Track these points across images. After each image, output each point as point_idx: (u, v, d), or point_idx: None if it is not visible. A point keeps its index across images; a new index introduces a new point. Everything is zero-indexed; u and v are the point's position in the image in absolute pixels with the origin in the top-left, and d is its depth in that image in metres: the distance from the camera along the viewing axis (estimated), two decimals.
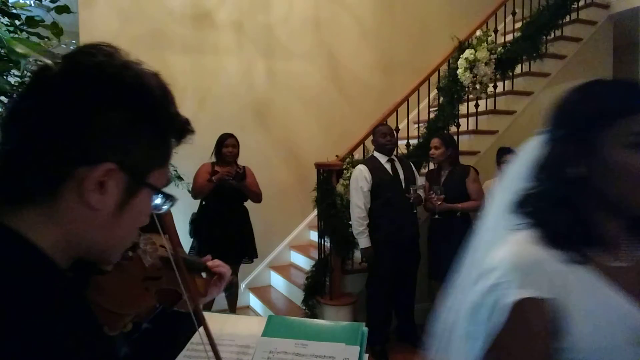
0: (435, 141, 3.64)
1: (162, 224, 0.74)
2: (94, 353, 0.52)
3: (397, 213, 3.46)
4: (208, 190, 3.55)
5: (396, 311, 3.69)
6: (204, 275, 1.03)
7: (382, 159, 3.56)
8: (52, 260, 0.53)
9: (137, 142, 0.56)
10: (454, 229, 3.52)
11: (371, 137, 3.73)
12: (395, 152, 3.71)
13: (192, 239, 3.73)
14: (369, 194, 3.46)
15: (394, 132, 3.73)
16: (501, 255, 0.81)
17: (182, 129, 0.62)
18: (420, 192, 3.58)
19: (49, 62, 0.54)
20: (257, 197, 3.76)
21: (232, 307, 3.95)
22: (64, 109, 0.52)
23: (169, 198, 0.62)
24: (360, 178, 3.47)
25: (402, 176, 3.54)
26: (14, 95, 0.59)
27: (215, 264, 1.05)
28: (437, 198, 3.40)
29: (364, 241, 3.46)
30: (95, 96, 0.53)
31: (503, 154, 3.69)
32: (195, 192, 3.63)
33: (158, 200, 0.61)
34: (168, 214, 0.88)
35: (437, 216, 3.45)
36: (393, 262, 3.45)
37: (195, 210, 3.76)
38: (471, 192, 3.55)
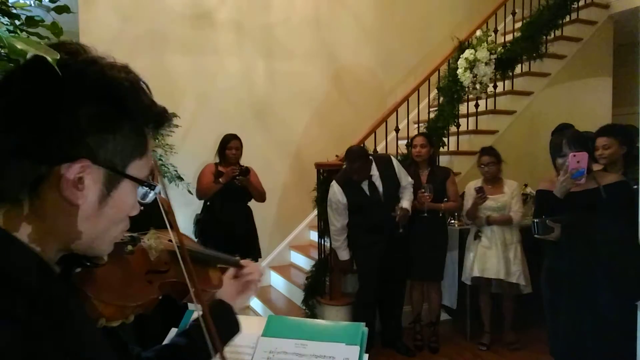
0: (421, 139, 3.56)
1: (168, 216, 0.74)
2: (69, 341, 0.52)
3: (377, 229, 3.35)
4: (214, 192, 3.55)
5: (381, 316, 3.62)
6: (231, 271, 1.02)
7: None
8: (33, 252, 0.54)
9: (109, 136, 0.56)
10: (434, 229, 3.51)
11: (345, 160, 3.41)
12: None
13: (196, 240, 3.72)
14: (345, 211, 3.37)
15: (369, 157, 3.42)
16: None
17: (158, 118, 0.61)
18: (406, 203, 3.40)
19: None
20: (261, 197, 3.75)
21: None
22: (27, 110, 0.52)
23: (150, 187, 0.62)
24: (334, 200, 3.37)
25: (381, 190, 3.34)
26: None
27: (245, 268, 1.02)
28: (429, 196, 3.37)
29: (342, 254, 3.48)
30: (58, 95, 0.53)
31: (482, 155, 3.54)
32: (200, 194, 3.62)
33: (144, 190, 0.61)
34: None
35: (425, 214, 3.42)
36: (377, 269, 3.38)
37: (199, 211, 3.76)
38: (450, 194, 3.55)
